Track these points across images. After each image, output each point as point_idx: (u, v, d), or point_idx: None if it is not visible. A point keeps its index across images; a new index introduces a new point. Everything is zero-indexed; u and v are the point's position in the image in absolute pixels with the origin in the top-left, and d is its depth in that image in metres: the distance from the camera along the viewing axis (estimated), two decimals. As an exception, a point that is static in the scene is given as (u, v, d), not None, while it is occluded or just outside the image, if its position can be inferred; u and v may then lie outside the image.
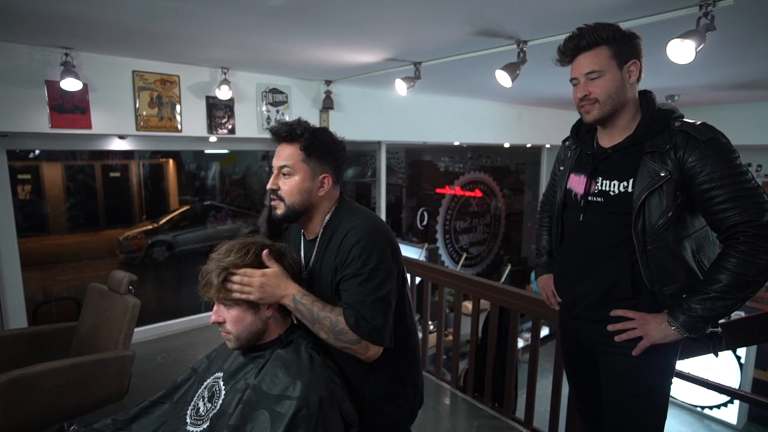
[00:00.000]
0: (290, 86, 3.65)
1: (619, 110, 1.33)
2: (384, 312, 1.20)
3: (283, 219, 1.31)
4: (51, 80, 2.62)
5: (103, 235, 4.76)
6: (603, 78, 1.30)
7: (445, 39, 2.44)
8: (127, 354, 2.05)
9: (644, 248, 1.31)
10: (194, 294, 1.25)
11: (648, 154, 1.30)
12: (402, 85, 2.97)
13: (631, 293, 1.35)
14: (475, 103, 5.06)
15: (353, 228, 1.24)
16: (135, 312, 2.13)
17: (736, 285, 1.21)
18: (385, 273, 1.21)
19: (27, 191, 4.09)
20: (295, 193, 1.28)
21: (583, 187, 1.42)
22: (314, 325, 1.20)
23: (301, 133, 1.27)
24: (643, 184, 1.29)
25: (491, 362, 2.73)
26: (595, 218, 1.41)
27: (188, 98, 3.18)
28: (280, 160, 1.30)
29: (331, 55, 2.83)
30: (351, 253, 1.20)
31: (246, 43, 2.56)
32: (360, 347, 1.18)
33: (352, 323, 1.17)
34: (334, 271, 1.24)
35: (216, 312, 1.24)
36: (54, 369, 1.79)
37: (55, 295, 4.19)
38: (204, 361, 1.41)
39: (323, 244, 1.31)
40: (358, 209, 1.35)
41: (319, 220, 1.33)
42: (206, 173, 5.13)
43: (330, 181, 1.31)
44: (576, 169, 1.48)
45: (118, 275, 2.24)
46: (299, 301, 1.20)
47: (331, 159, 1.32)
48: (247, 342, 1.23)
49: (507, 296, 2.61)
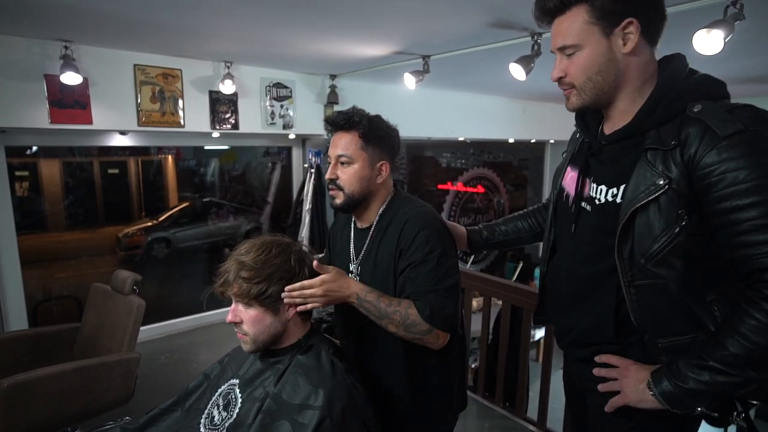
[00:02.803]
0: (294, 80, 3.57)
1: (616, 91, 0.98)
2: (455, 300, 1.19)
3: (342, 208, 1.30)
4: (50, 74, 2.54)
5: (102, 232, 4.68)
6: (579, 53, 0.96)
7: (457, 31, 2.37)
8: (133, 357, 1.99)
9: (631, 282, 0.96)
10: (196, 292, 1.20)
11: (648, 150, 0.93)
12: (411, 79, 2.90)
13: (613, 337, 1.03)
14: (480, 98, 4.99)
15: (415, 215, 1.22)
16: (140, 313, 2.07)
17: (749, 359, 0.85)
18: (452, 260, 1.21)
19: (25, 188, 4.01)
20: (354, 182, 1.26)
21: (574, 188, 1.10)
22: (382, 320, 1.17)
23: (359, 120, 1.25)
24: (633, 194, 0.93)
25: (503, 361, 2.68)
26: (583, 233, 1.08)
27: (191, 93, 3.10)
28: (338, 149, 1.27)
29: (337, 47, 2.76)
30: (416, 240, 1.19)
31: (250, 35, 2.49)
32: (431, 337, 1.16)
33: (427, 315, 1.14)
34: (394, 258, 1.22)
35: (233, 311, 1.17)
36: (57, 373, 1.73)
37: (54, 294, 4.13)
38: (216, 366, 1.35)
39: (379, 231, 1.29)
40: (413, 198, 1.33)
41: (376, 208, 1.31)
42: (205, 169, 5.08)
43: (387, 168, 1.30)
44: (572, 162, 1.15)
45: (122, 275, 2.18)
46: (364, 299, 1.17)
47: (387, 146, 1.30)
48: (264, 345, 1.17)
49: (520, 294, 2.56)
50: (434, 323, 1.15)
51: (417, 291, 1.17)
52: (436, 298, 1.16)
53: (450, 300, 1.17)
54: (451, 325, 1.18)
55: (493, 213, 7.06)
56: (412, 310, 1.15)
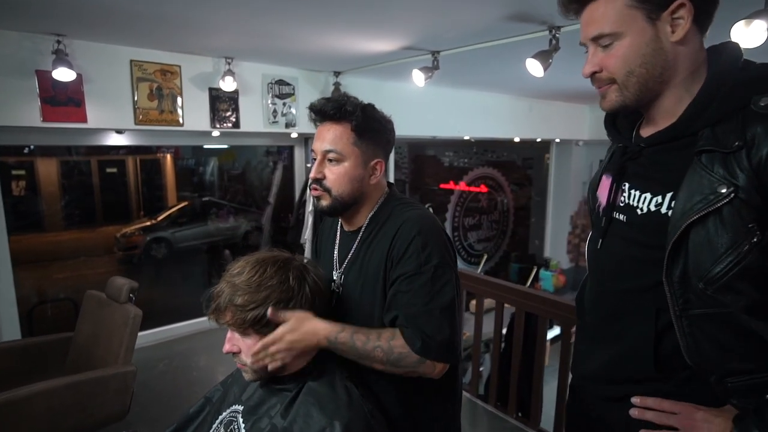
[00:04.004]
0: (297, 77, 3.45)
1: (661, 86, 0.85)
2: (452, 321, 1.02)
3: (328, 212, 1.13)
4: (42, 70, 2.41)
5: (100, 231, 4.66)
6: (620, 43, 0.82)
7: (471, 24, 2.25)
8: (129, 370, 1.87)
9: (684, 311, 0.81)
10: (195, 294, 1.08)
11: (702, 153, 0.79)
12: (420, 75, 2.78)
13: (653, 372, 0.86)
14: (486, 96, 4.88)
15: (409, 219, 1.06)
16: (136, 323, 1.96)
17: None
18: (449, 273, 1.04)
19: (22, 187, 3.98)
20: (344, 183, 1.09)
21: (606, 197, 0.97)
22: (363, 360, 1.02)
23: (352, 110, 1.07)
24: (687, 205, 0.78)
25: (516, 370, 2.57)
26: (614, 247, 0.94)
27: (190, 90, 2.98)
28: (326, 144, 1.09)
29: (342, 42, 2.64)
30: (411, 247, 1.03)
31: (252, 29, 2.37)
32: (425, 367, 1.01)
33: (419, 348, 0.98)
34: (384, 267, 1.07)
35: (229, 340, 1.06)
36: (46, 390, 1.61)
37: (51, 296, 4.05)
38: (218, 389, 1.23)
39: (368, 236, 1.13)
40: (409, 201, 1.17)
41: (366, 213, 1.15)
42: (204, 169, 5.01)
43: (382, 167, 1.14)
44: (606, 170, 1.02)
45: (118, 282, 2.06)
46: (336, 342, 1.02)
47: (383, 141, 1.14)
48: (267, 374, 1.06)
49: (534, 301, 2.45)
50: (429, 355, 0.99)
51: (408, 313, 1.01)
52: (429, 322, 0.99)
53: (446, 321, 1.01)
54: (448, 352, 1.01)
55: (498, 213, 6.95)
56: (396, 341, 0.99)
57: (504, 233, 7.11)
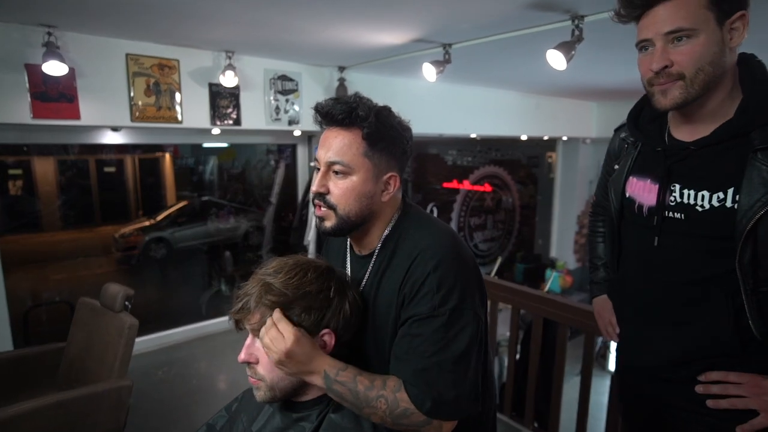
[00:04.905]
0: (300, 73, 3.32)
1: (714, 88, 0.93)
2: (467, 372, 0.88)
3: (332, 232, 0.97)
4: (32, 64, 2.28)
5: (98, 232, 4.57)
6: (695, 40, 0.89)
7: (487, 14, 2.12)
8: (124, 385, 1.74)
9: (754, 290, 0.92)
10: (195, 297, 0.94)
11: (759, 151, 0.89)
12: (431, 69, 2.65)
13: (738, 348, 0.97)
14: (493, 92, 4.76)
15: (428, 248, 0.91)
16: (132, 333, 1.82)
17: None
18: (471, 315, 0.89)
19: (18, 187, 3.89)
20: (351, 200, 0.94)
21: (656, 198, 1.04)
22: (362, 409, 0.87)
23: (364, 115, 0.91)
24: (755, 196, 0.89)
25: (534, 378, 2.45)
26: (675, 242, 1.02)
27: (189, 85, 2.85)
28: (331, 153, 0.94)
29: (348, 34, 2.51)
30: (426, 285, 0.88)
31: (254, 20, 2.23)
32: (432, 428, 0.87)
33: (428, 408, 0.84)
34: (396, 304, 0.92)
35: (247, 348, 0.92)
36: (32, 411, 1.47)
37: (47, 298, 3.95)
38: (223, 415, 1.10)
39: (381, 263, 0.98)
40: (427, 219, 1.02)
41: (378, 233, 1.00)
42: (204, 167, 4.91)
43: (397, 183, 0.98)
44: (639, 171, 1.10)
45: (112, 289, 1.93)
46: (334, 380, 0.87)
47: (399, 151, 0.98)
48: (283, 395, 0.92)
49: (554, 307, 2.32)
50: (438, 416, 0.86)
51: (416, 368, 0.86)
52: (440, 377, 0.86)
53: (460, 374, 0.87)
54: (459, 410, 0.88)
55: (503, 213, 6.82)
56: (402, 393, 0.86)
57: (510, 233, 6.99)
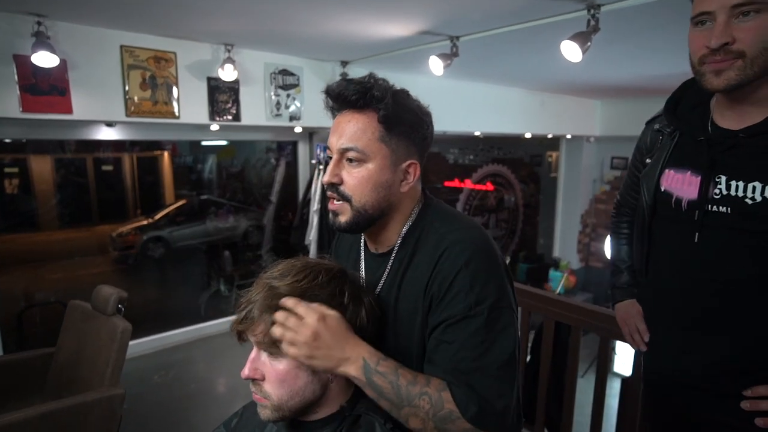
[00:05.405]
0: (302, 67, 3.22)
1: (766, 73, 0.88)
2: (513, 381, 0.78)
3: (347, 228, 0.87)
4: (21, 54, 2.18)
5: (96, 231, 4.51)
6: (764, 15, 0.82)
7: (500, 4, 2.01)
8: (116, 393, 1.64)
9: None
10: (193, 298, 0.84)
11: None
12: (437, 63, 2.55)
13: None
14: (498, 89, 4.67)
15: (458, 242, 0.82)
16: (125, 339, 1.72)
17: None
18: (508, 314, 0.80)
19: (15, 185, 3.83)
20: (367, 190, 0.85)
21: (697, 191, 0.98)
22: (401, 408, 0.76)
23: (381, 96, 0.83)
24: None
25: (545, 384, 2.36)
26: (719, 238, 0.97)
27: (187, 79, 2.75)
28: (344, 139, 0.85)
29: (352, 26, 2.41)
30: (456, 282, 0.78)
31: (254, 11, 2.14)
32: None
33: (473, 414, 0.73)
34: (422, 308, 0.82)
35: (252, 362, 0.82)
36: (14, 423, 1.36)
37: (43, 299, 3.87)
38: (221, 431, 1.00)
39: (402, 261, 0.88)
40: (452, 213, 0.93)
41: (397, 228, 0.90)
42: (203, 166, 4.84)
43: (417, 171, 0.90)
44: (676, 163, 1.04)
45: (104, 292, 1.83)
46: (374, 370, 0.76)
47: (418, 137, 0.90)
48: (291, 414, 0.82)
49: (567, 310, 2.23)
50: (484, 426, 0.75)
51: (456, 368, 0.76)
52: (485, 382, 0.75)
53: (506, 382, 0.77)
54: (504, 426, 0.77)
55: (507, 212, 6.74)
56: (447, 393, 0.76)
57: (513, 232, 6.91)
